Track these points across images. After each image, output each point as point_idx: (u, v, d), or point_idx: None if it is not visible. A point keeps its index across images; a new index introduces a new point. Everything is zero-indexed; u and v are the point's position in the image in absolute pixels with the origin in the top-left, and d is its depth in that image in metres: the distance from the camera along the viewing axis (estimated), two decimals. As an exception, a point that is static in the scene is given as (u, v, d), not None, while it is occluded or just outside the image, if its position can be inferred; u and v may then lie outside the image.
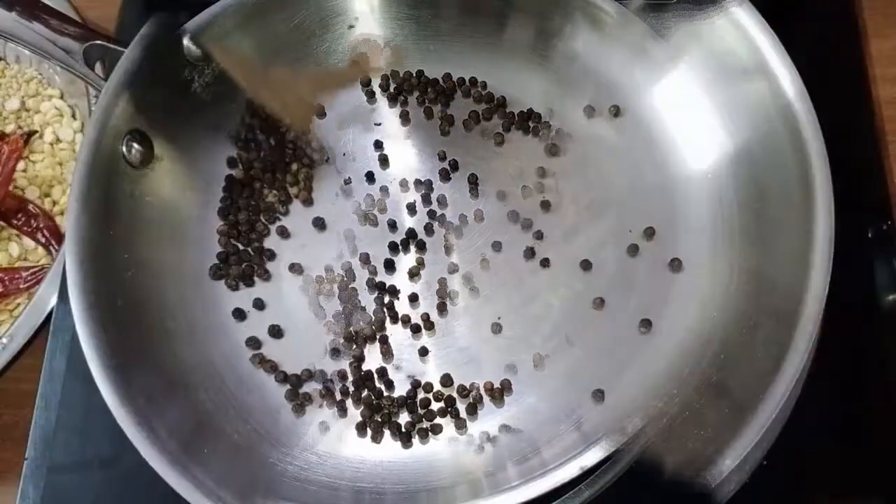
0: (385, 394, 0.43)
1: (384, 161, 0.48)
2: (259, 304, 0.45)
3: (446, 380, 0.43)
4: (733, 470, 0.35)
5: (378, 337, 0.44)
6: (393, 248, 0.46)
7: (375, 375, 0.43)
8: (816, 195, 0.39)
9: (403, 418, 0.42)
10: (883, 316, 0.44)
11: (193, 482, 0.36)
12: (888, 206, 0.47)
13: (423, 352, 0.44)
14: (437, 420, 0.42)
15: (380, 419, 0.42)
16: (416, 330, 0.44)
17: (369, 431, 0.42)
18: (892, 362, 0.43)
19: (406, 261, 0.46)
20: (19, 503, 0.43)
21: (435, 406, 0.42)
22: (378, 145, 0.48)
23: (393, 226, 0.46)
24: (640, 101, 0.47)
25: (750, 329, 0.40)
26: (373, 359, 0.44)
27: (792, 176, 0.40)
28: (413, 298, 0.45)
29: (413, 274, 0.45)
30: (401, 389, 0.43)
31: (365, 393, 0.43)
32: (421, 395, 0.43)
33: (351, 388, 0.43)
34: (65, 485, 0.43)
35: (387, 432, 0.42)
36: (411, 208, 0.47)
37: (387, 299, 0.45)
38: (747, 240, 0.42)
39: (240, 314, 0.44)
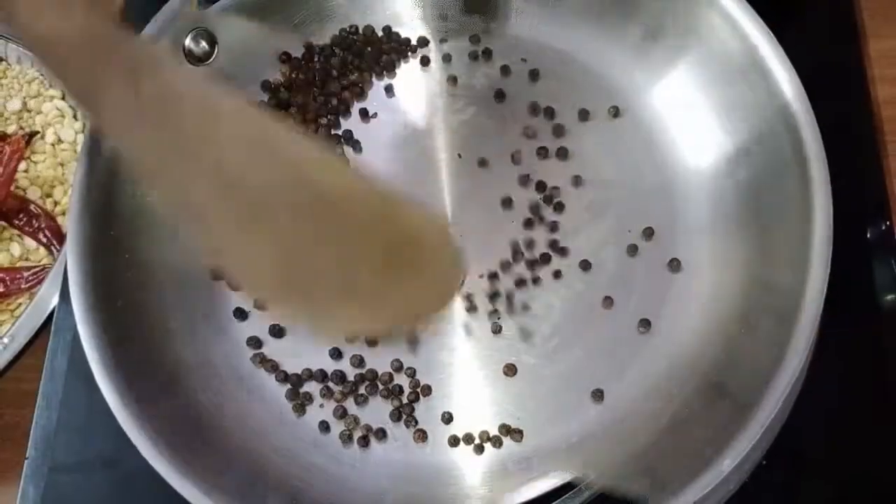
0: (385, 394, 0.43)
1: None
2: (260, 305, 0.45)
3: (446, 380, 0.43)
4: (733, 470, 0.35)
5: (377, 337, 0.44)
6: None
7: (375, 375, 0.43)
8: (815, 195, 0.39)
9: (403, 418, 0.42)
10: (882, 316, 0.45)
11: (194, 482, 0.36)
12: (887, 206, 0.47)
13: (423, 352, 0.44)
14: (437, 420, 0.42)
15: (380, 419, 0.42)
16: (416, 330, 0.44)
17: (370, 431, 0.42)
18: (891, 362, 0.44)
19: (406, 261, 0.46)
20: (20, 503, 0.43)
21: (435, 406, 0.43)
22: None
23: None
24: (640, 101, 0.47)
25: (749, 329, 0.40)
26: (373, 359, 0.44)
27: (790, 176, 0.40)
28: (413, 299, 0.45)
29: (413, 274, 0.45)
30: (401, 390, 0.43)
31: (365, 393, 0.43)
32: (421, 395, 0.43)
33: (351, 389, 0.43)
34: (66, 485, 0.43)
35: (388, 432, 0.42)
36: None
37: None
38: (746, 240, 0.42)
39: (241, 314, 0.44)
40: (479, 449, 0.41)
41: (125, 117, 0.27)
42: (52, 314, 0.46)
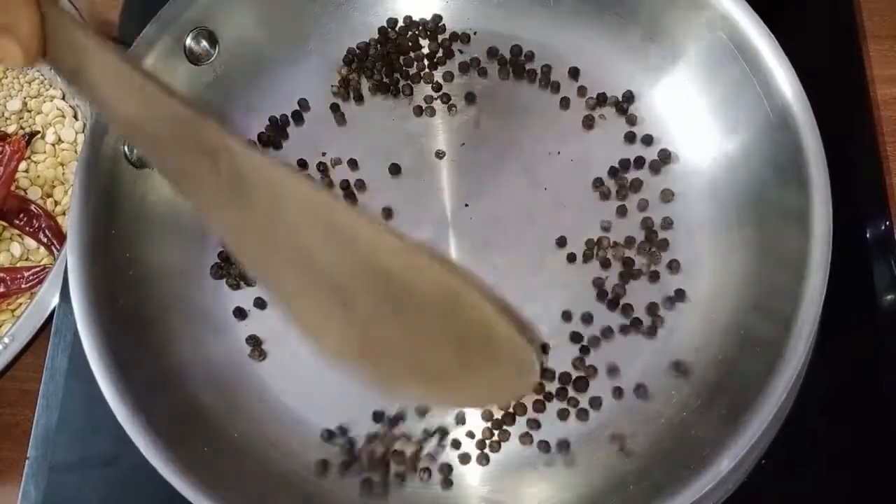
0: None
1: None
2: (260, 304, 0.45)
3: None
4: (731, 470, 0.35)
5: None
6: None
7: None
8: (814, 195, 0.39)
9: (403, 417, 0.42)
10: (881, 317, 0.45)
11: (194, 481, 0.36)
12: (886, 206, 0.47)
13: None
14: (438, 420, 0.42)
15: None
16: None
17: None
18: (889, 363, 0.44)
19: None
20: (21, 502, 0.43)
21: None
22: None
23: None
24: (639, 102, 0.47)
25: (748, 329, 0.40)
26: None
27: (789, 177, 0.40)
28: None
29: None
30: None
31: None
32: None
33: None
34: (66, 484, 0.44)
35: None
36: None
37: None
38: (745, 241, 0.42)
39: (240, 313, 0.45)
40: (478, 448, 0.41)
41: (210, 196, 0.29)
42: (52, 314, 0.46)
